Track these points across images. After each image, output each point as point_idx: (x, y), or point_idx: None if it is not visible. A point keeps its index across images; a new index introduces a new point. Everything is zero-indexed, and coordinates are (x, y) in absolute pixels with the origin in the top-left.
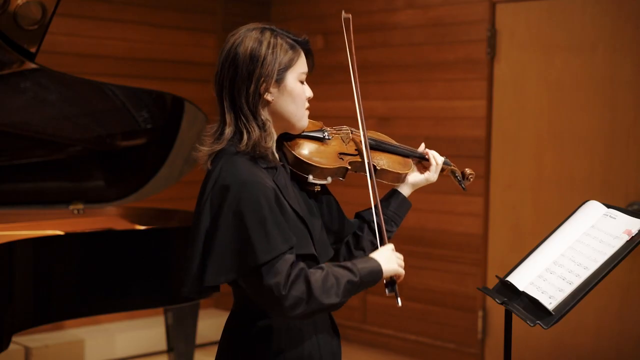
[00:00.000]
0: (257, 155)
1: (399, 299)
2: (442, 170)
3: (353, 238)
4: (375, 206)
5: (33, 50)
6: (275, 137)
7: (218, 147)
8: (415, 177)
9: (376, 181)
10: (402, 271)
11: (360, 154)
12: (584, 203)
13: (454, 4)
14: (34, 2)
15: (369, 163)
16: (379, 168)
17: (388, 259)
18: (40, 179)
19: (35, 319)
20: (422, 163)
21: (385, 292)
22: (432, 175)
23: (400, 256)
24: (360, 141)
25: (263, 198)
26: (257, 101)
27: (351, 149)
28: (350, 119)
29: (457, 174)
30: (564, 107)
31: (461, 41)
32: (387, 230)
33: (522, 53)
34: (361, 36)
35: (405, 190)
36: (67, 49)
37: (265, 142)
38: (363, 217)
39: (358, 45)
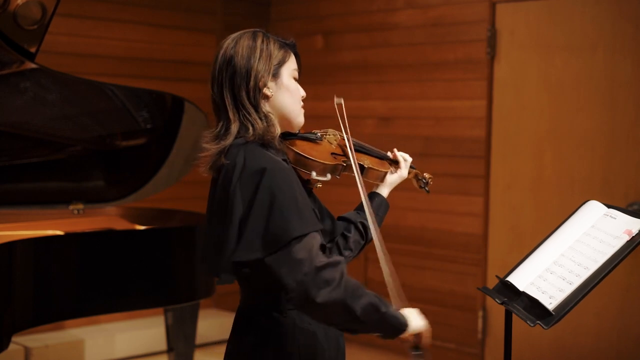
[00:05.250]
0: (265, 143)
1: None
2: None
3: (342, 238)
4: (365, 201)
5: (33, 50)
6: (278, 127)
7: (226, 142)
8: (391, 177)
9: (362, 180)
10: (426, 329)
11: (346, 154)
12: (584, 203)
13: (454, 4)
14: (34, 2)
15: (354, 159)
16: (365, 167)
17: (416, 316)
18: (40, 179)
19: (35, 319)
20: (393, 165)
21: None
22: (403, 171)
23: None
24: (345, 144)
25: (295, 181)
26: (257, 96)
27: (339, 150)
28: (350, 118)
29: (419, 176)
30: (564, 107)
31: (461, 41)
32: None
33: (522, 53)
34: (361, 36)
35: (384, 191)
36: (67, 49)
37: (271, 132)
38: (349, 219)
39: (358, 45)
